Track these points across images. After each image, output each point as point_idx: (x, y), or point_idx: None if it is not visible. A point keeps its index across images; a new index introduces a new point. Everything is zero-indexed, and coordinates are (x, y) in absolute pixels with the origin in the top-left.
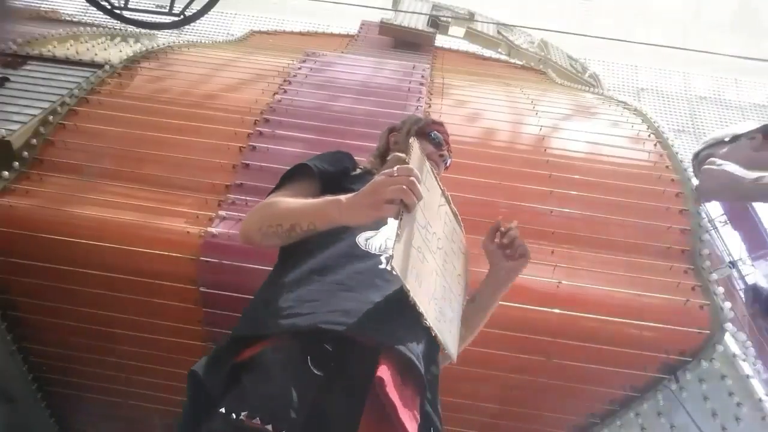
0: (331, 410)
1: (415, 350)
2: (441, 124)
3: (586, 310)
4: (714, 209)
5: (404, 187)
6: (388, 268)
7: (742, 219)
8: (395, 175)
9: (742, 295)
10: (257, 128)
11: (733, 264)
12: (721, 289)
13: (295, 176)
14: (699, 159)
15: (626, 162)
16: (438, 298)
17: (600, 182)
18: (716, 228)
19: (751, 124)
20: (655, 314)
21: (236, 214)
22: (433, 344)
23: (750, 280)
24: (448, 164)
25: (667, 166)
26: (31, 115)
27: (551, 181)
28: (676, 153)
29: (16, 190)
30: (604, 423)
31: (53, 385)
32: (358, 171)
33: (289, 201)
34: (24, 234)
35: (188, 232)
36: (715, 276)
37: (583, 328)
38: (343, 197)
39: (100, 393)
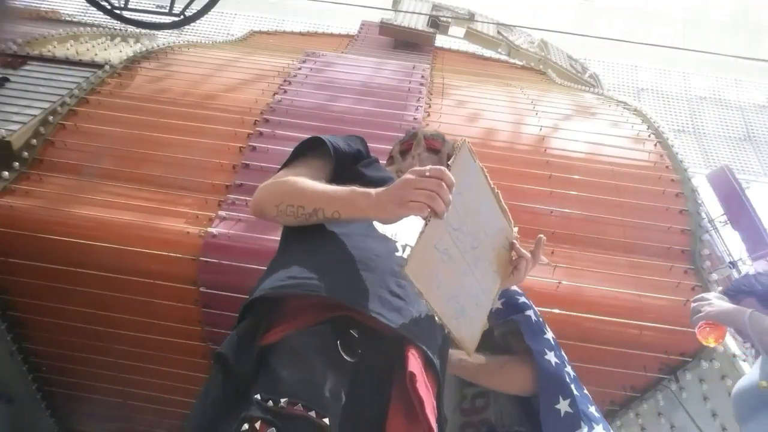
0: (362, 399)
1: (433, 347)
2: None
3: (586, 310)
4: (714, 209)
5: (432, 192)
6: (405, 271)
7: (742, 219)
8: (426, 175)
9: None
10: (257, 128)
11: (733, 264)
12: (720, 289)
13: (309, 152)
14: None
15: (626, 162)
16: (461, 297)
17: (600, 182)
18: (716, 228)
19: None
20: (655, 314)
21: (236, 214)
22: (446, 338)
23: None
24: None
25: (667, 167)
26: (31, 115)
27: (551, 181)
28: (676, 153)
29: (16, 190)
30: None
31: (53, 385)
32: (371, 158)
33: (312, 183)
34: (24, 234)
35: (188, 232)
36: (715, 276)
37: (583, 328)
38: (373, 191)
39: (100, 393)
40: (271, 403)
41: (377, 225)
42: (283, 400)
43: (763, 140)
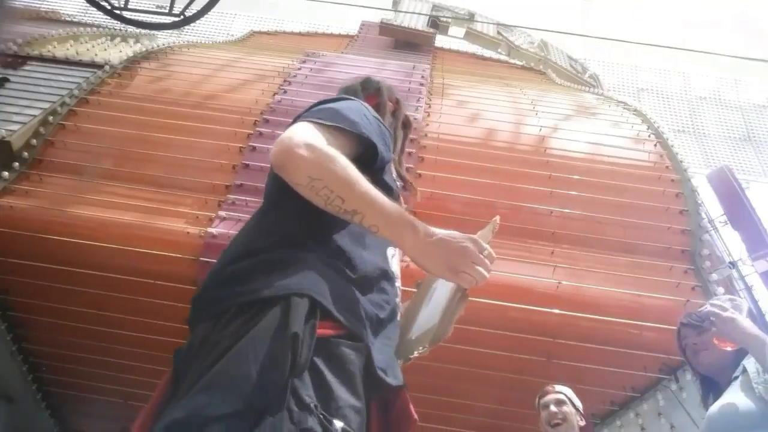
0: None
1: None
2: None
3: (586, 310)
4: (714, 209)
5: (486, 274)
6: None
7: (742, 219)
8: (484, 254)
9: (743, 296)
10: (257, 129)
11: (733, 264)
12: (721, 290)
13: (354, 139)
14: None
15: (626, 162)
16: None
17: (600, 182)
18: (716, 228)
19: None
20: (655, 314)
21: (236, 214)
22: None
23: (750, 281)
24: None
25: (667, 167)
26: (31, 115)
27: (551, 181)
28: (676, 153)
29: (16, 190)
30: (604, 423)
31: (53, 385)
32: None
33: (363, 181)
34: (24, 234)
35: (188, 232)
36: (715, 276)
37: (583, 328)
38: (420, 228)
39: (99, 393)
40: (323, 418)
41: (388, 256)
42: (339, 425)
43: (763, 140)
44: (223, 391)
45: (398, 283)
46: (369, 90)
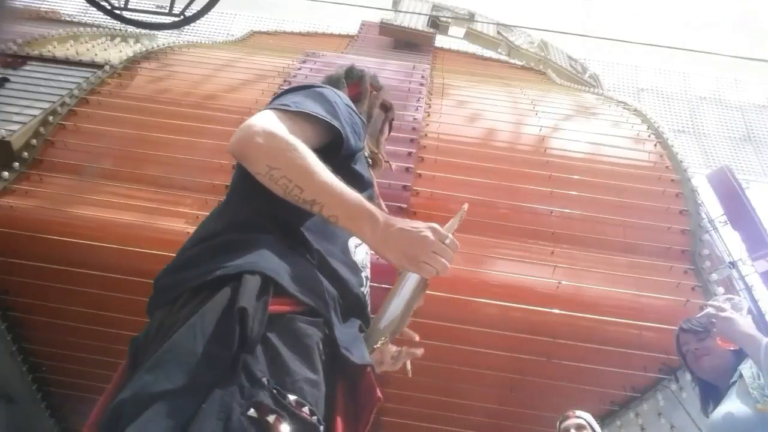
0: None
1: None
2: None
3: (586, 310)
4: (714, 209)
5: (447, 263)
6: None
7: (742, 219)
8: (446, 243)
9: (743, 296)
10: None
11: (733, 264)
12: (721, 290)
13: (321, 125)
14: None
15: (626, 162)
16: None
17: (600, 182)
18: (716, 228)
19: None
20: (655, 314)
21: None
22: None
23: (750, 281)
24: None
25: (667, 167)
26: (31, 115)
27: (551, 181)
28: (676, 153)
29: (16, 190)
30: (604, 423)
31: (53, 385)
32: (362, 149)
33: (323, 169)
34: (24, 234)
35: (188, 232)
36: (715, 276)
37: (583, 328)
38: (381, 218)
39: (99, 393)
40: (275, 392)
41: (351, 247)
42: (292, 398)
43: (763, 140)
44: (167, 367)
45: (366, 273)
46: (352, 78)
